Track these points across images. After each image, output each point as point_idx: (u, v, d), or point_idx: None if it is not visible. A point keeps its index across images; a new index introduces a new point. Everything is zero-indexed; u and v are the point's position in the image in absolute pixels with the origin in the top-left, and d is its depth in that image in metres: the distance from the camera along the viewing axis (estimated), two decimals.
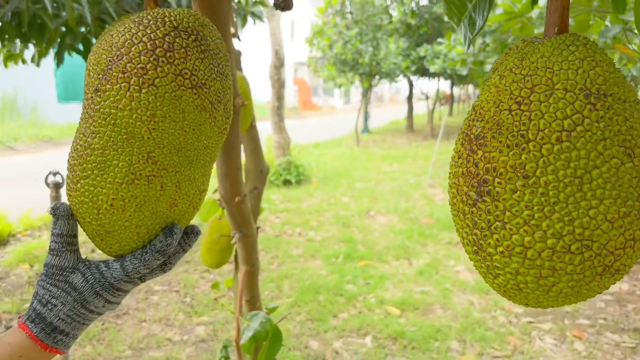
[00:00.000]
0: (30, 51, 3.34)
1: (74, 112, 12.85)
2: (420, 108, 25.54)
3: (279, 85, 6.92)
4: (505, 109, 0.46)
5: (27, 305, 3.25)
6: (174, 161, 0.56)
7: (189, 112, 0.55)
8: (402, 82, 20.50)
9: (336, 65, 10.61)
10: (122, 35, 0.54)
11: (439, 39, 7.43)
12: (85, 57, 2.35)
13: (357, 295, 3.44)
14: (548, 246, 0.45)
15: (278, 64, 6.86)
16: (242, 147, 1.84)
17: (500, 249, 0.47)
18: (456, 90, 20.33)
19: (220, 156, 1.09)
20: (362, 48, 10.11)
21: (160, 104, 0.53)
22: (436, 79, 12.40)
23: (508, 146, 0.45)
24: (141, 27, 0.54)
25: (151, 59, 0.53)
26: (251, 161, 1.79)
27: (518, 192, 0.45)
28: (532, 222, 0.45)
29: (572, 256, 0.44)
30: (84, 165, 0.54)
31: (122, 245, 0.58)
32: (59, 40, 2.48)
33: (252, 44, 19.69)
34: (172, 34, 0.54)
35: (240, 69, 1.66)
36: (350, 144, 11.53)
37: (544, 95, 0.44)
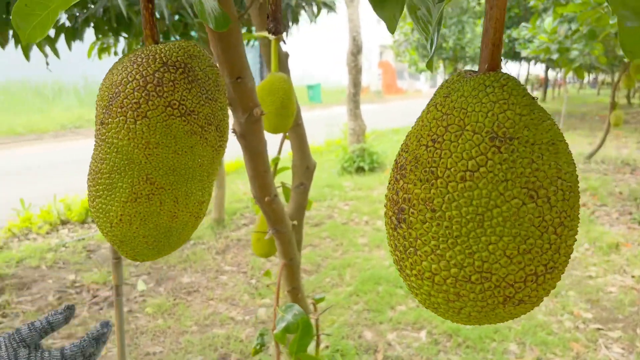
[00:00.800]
0: (121, 44, 3.65)
1: None
2: None
3: (355, 71, 6.92)
4: (423, 144, 0.49)
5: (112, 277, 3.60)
6: (170, 180, 0.64)
7: (179, 137, 0.62)
8: None
9: (418, 50, 10.38)
10: (120, 74, 0.62)
11: (523, 24, 7.02)
12: None
13: None
14: (451, 275, 0.47)
15: (355, 51, 6.85)
16: (281, 145, 1.92)
17: (414, 272, 0.50)
18: (552, 74, 19.06)
19: (248, 160, 1.16)
20: (445, 32, 9.80)
21: (153, 133, 0.61)
22: (529, 62, 11.72)
23: (421, 180, 0.48)
24: (135, 66, 0.62)
25: (143, 94, 0.61)
26: (297, 158, 1.85)
27: (427, 224, 0.48)
28: (437, 252, 0.48)
29: (472, 285, 0.47)
30: (97, 187, 0.64)
31: (135, 252, 0.68)
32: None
33: (332, 29, 19.74)
34: (161, 69, 0.62)
35: (287, 71, 1.72)
36: None
37: (455, 136, 0.46)
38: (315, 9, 4.41)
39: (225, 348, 2.74)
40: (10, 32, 2.80)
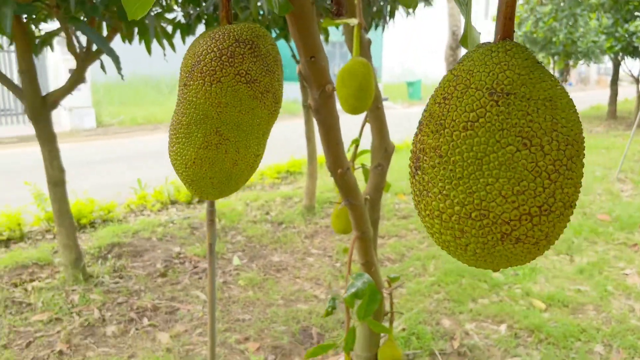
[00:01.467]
0: None
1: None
2: (631, 92, 22.16)
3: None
4: (437, 102, 0.58)
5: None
6: (234, 134, 0.79)
7: (244, 100, 0.77)
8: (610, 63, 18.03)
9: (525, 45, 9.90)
10: (201, 46, 0.78)
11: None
12: None
13: (503, 284, 3.38)
14: (455, 212, 0.56)
15: (454, 45, 6.75)
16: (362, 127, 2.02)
17: (427, 212, 0.60)
18: None
19: (322, 134, 1.30)
20: (555, 26, 9.24)
21: (224, 95, 0.77)
22: None
23: (432, 132, 0.58)
24: (213, 41, 0.78)
25: (218, 63, 0.76)
26: (376, 140, 1.96)
27: (436, 168, 0.57)
28: (444, 192, 0.57)
29: (473, 222, 0.55)
30: (177, 135, 0.81)
31: (202, 190, 0.84)
32: None
33: (429, 23, 19.30)
34: (233, 44, 0.77)
35: (369, 56, 1.83)
36: None
37: (461, 92, 0.56)
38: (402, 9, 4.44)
39: (307, 321, 2.92)
40: (136, 30, 3.19)
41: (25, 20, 2.90)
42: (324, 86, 1.14)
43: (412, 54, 22.43)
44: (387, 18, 4.48)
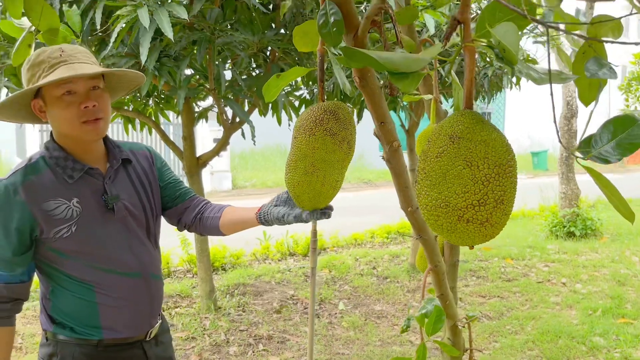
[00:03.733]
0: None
1: None
2: None
3: (569, 136, 6.81)
4: (427, 143, 1.03)
5: (321, 297, 4.40)
6: (322, 166, 1.28)
7: (329, 145, 1.27)
8: None
9: None
10: (305, 114, 1.30)
11: None
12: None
13: (602, 347, 3.35)
14: (432, 204, 0.97)
15: (569, 115, 6.78)
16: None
17: (422, 206, 1.03)
18: None
19: (394, 179, 1.73)
20: None
21: (317, 142, 1.27)
22: None
23: (422, 160, 1.02)
24: (312, 111, 1.29)
25: (314, 124, 1.28)
26: None
27: (423, 180, 1.00)
28: (427, 193, 0.99)
29: (441, 210, 0.96)
30: (289, 167, 1.32)
31: (302, 202, 1.33)
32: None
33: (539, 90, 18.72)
34: (323, 113, 1.28)
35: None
36: None
37: (436, 137, 0.99)
38: (514, 78, 4.76)
39: None
40: (269, 105, 3.94)
41: (189, 99, 3.79)
42: (392, 143, 1.58)
43: (538, 125, 21.81)
44: (493, 92, 4.82)
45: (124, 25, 2.24)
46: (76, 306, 1.36)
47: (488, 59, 4.44)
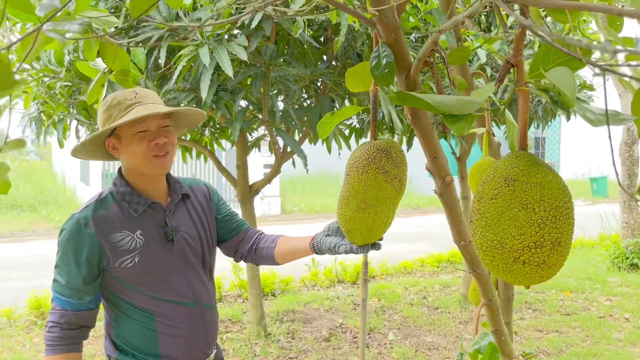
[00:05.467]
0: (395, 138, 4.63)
1: None
2: None
3: (630, 162, 6.51)
4: (482, 184, 1.04)
5: (370, 326, 4.36)
6: (374, 203, 1.31)
7: (381, 183, 1.30)
8: None
9: None
10: (358, 152, 1.34)
11: None
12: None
13: None
14: (488, 245, 0.99)
15: (630, 142, 6.50)
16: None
17: (476, 246, 1.04)
18: None
19: (446, 213, 1.73)
20: None
21: (369, 180, 1.30)
22: None
23: (477, 201, 1.03)
24: (364, 150, 1.33)
25: (367, 162, 1.31)
26: None
27: (478, 220, 1.02)
28: (482, 234, 1.01)
29: (497, 250, 0.97)
30: (341, 203, 1.35)
31: (354, 237, 1.36)
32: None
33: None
34: (375, 152, 1.32)
35: (498, 156, 2.23)
36: None
37: (491, 179, 1.01)
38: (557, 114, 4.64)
39: None
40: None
41: (243, 130, 3.92)
42: (444, 177, 1.58)
43: (596, 149, 20.95)
44: (547, 119, 4.71)
45: (185, 63, 2.38)
46: (137, 333, 1.43)
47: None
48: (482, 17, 3.71)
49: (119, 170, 1.47)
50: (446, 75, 1.35)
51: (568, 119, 4.27)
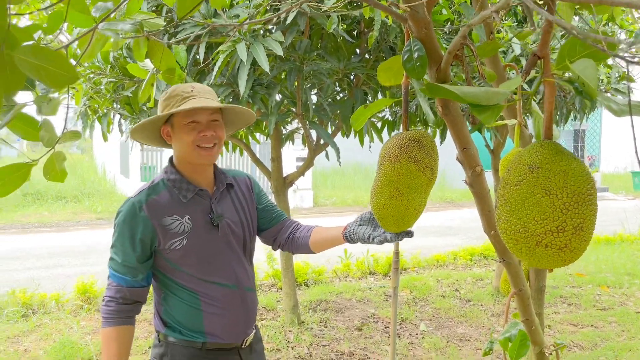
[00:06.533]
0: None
1: None
2: None
3: None
4: (507, 171, 1.09)
5: (402, 317, 4.41)
6: (407, 191, 1.37)
7: (413, 171, 1.35)
8: None
9: None
10: (390, 143, 1.40)
11: None
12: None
13: None
14: (511, 229, 1.04)
15: None
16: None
17: (501, 230, 1.09)
18: None
19: (476, 203, 1.77)
20: None
21: (401, 168, 1.36)
22: None
23: (502, 187, 1.08)
24: (397, 140, 1.39)
25: (399, 152, 1.37)
26: None
27: (502, 206, 1.07)
28: (506, 219, 1.06)
29: (520, 234, 1.01)
30: (375, 192, 1.41)
31: (387, 224, 1.42)
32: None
33: None
34: (408, 142, 1.37)
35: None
36: None
37: (516, 166, 1.06)
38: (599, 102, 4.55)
39: None
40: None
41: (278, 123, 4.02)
42: (475, 167, 1.62)
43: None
44: (575, 114, 4.63)
45: (223, 59, 2.48)
46: (184, 311, 1.54)
47: None
48: (519, 7, 3.68)
49: (170, 159, 1.59)
50: (476, 68, 1.39)
51: (593, 109, 4.18)
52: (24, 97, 1.21)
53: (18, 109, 1.07)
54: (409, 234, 1.46)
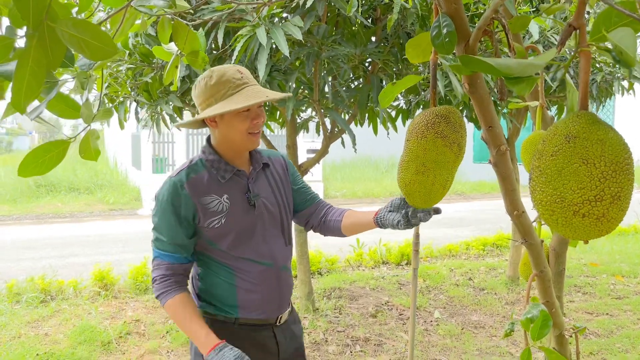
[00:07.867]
0: None
1: (484, 171, 14.53)
2: None
3: None
4: (541, 143, 1.09)
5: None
6: (433, 166, 1.37)
7: (439, 147, 1.36)
8: None
9: None
10: (418, 118, 1.40)
11: None
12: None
13: None
14: (548, 200, 1.03)
15: None
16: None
17: (536, 201, 1.09)
18: None
19: (500, 182, 1.76)
20: None
21: (428, 143, 1.36)
22: None
23: (537, 158, 1.08)
24: (424, 116, 1.39)
25: (426, 127, 1.37)
26: None
27: (538, 177, 1.07)
28: (542, 189, 1.06)
29: (556, 205, 1.01)
30: (402, 167, 1.42)
31: (414, 199, 1.43)
32: None
33: None
34: (435, 117, 1.38)
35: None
36: None
37: (551, 137, 1.06)
38: (626, 82, 4.50)
39: None
40: (367, 115, 4.08)
41: (294, 110, 4.02)
42: (499, 146, 1.62)
43: None
44: (602, 98, 4.59)
45: (242, 43, 2.48)
46: (219, 287, 1.57)
47: (598, 65, 4.25)
48: None
49: (208, 139, 1.61)
50: (505, 45, 1.39)
51: (629, 76, 4.12)
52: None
53: (61, 84, 1.08)
54: (437, 211, 1.46)
